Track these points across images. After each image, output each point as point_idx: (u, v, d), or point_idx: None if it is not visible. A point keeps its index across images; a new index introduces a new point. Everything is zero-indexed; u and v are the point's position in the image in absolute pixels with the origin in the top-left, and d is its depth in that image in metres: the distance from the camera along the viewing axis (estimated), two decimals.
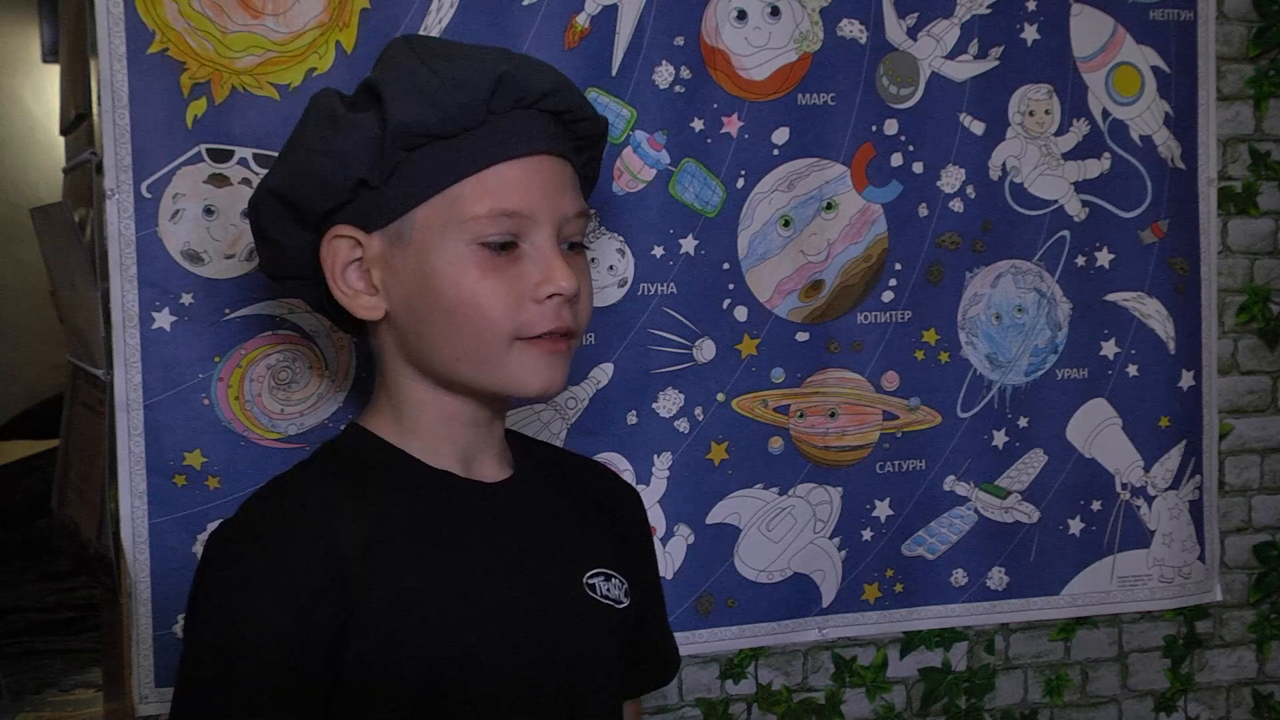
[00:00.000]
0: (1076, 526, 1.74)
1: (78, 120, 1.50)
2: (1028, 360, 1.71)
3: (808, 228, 1.61)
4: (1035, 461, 1.72)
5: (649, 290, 1.55)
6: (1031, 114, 1.69)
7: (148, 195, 1.37)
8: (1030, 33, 1.68)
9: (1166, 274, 1.76)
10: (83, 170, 1.44)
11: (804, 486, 1.63)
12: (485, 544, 1.05)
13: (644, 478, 1.56)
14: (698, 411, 1.58)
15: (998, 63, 1.67)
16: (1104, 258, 1.73)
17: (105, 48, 1.35)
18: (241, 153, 1.39)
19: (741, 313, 1.59)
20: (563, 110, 1.06)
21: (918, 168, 1.64)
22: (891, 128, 1.63)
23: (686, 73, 1.54)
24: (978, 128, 1.67)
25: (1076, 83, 1.70)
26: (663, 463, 1.57)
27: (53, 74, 1.88)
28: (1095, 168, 1.72)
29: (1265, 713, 1.88)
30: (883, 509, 1.66)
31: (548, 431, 1.51)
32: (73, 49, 1.52)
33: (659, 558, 1.43)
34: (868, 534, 1.66)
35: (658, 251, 1.55)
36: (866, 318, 1.64)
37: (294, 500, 1.03)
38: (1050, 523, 1.73)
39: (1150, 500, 1.77)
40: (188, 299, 1.38)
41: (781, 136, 1.59)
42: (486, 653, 1.01)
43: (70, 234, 1.45)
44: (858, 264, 1.63)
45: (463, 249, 1.01)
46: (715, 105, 1.56)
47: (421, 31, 1.43)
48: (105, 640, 1.78)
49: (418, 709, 0.99)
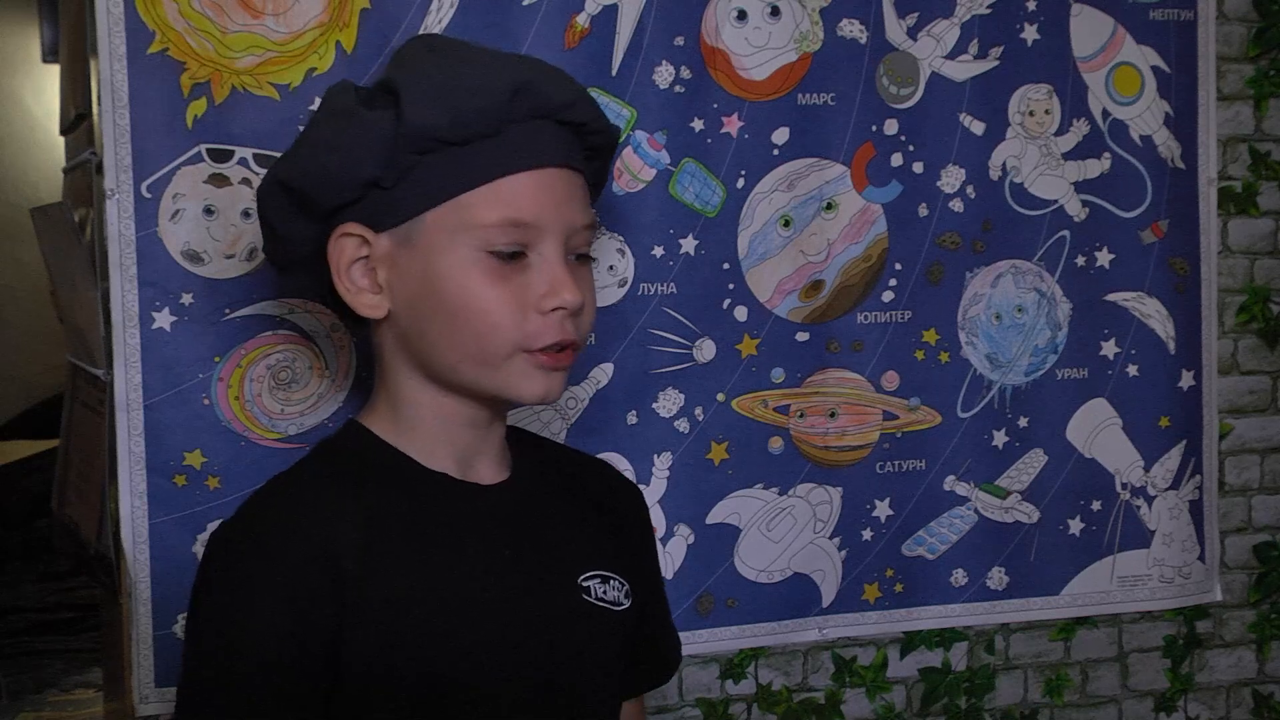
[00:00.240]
0: (1076, 526, 1.74)
1: (78, 120, 1.50)
2: (1028, 360, 1.71)
3: (808, 228, 1.61)
4: (1035, 461, 1.72)
5: (649, 290, 1.55)
6: (1031, 114, 1.69)
7: (148, 195, 1.37)
8: (1030, 33, 1.68)
9: (1166, 274, 1.76)
10: (83, 170, 1.44)
11: (804, 486, 1.63)
12: (480, 546, 1.05)
13: (644, 478, 1.56)
14: (698, 411, 1.58)
15: (998, 63, 1.67)
16: (1104, 258, 1.73)
17: (105, 48, 1.35)
18: (241, 153, 1.39)
19: (741, 313, 1.59)
20: (578, 122, 1.06)
21: (918, 168, 1.64)
22: (891, 128, 1.63)
23: (686, 73, 1.54)
24: (978, 128, 1.67)
25: (1076, 83, 1.70)
26: (663, 463, 1.57)
27: (53, 74, 1.88)
28: (1095, 168, 1.72)
29: (1265, 713, 1.88)
30: (883, 509, 1.66)
31: (548, 431, 1.51)
32: (73, 49, 1.52)
33: (659, 558, 1.43)
34: (868, 534, 1.66)
35: (658, 251, 1.55)
36: (866, 318, 1.64)
37: (292, 500, 1.03)
38: (1050, 523, 1.73)
39: (1150, 500, 1.77)
40: (188, 299, 1.38)
41: (781, 136, 1.59)
42: (481, 654, 1.01)
43: (70, 234, 1.45)
44: (858, 264, 1.63)
45: (470, 255, 1.01)
46: (715, 105, 1.56)
47: (421, 32, 1.43)
48: (105, 640, 1.78)
49: (414, 709, 1.00)
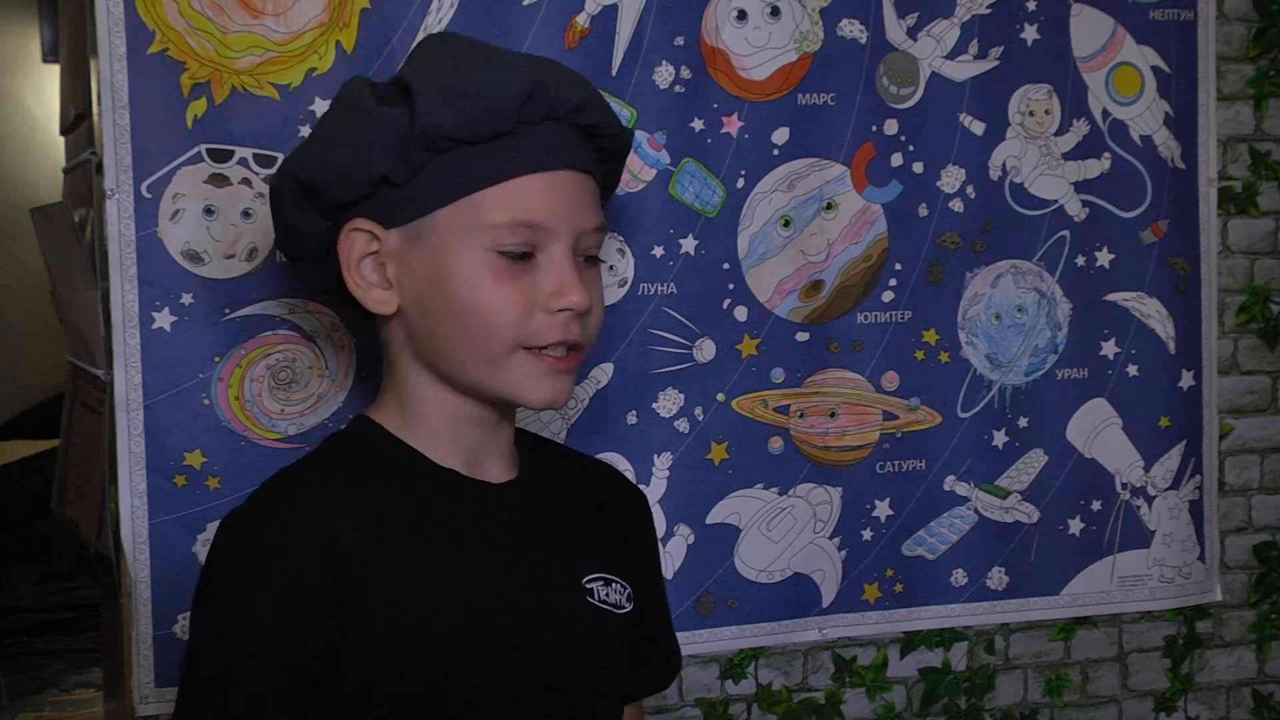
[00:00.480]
0: (1076, 526, 1.74)
1: (78, 120, 1.50)
2: (1028, 360, 1.71)
3: (808, 228, 1.61)
4: (1035, 461, 1.72)
5: (649, 290, 1.55)
6: (1031, 114, 1.69)
7: (148, 195, 1.37)
8: (1030, 33, 1.68)
9: (1166, 274, 1.76)
10: (83, 170, 1.44)
11: (804, 486, 1.63)
12: (485, 544, 1.05)
13: (644, 478, 1.56)
14: (698, 411, 1.58)
15: (998, 63, 1.67)
16: (1104, 258, 1.73)
17: (105, 48, 1.35)
18: (241, 153, 1.39)
19: (741, 313, 1.59)
20: (591, 125, 1.06)
21: (918, 168, 1.64)
22: (891, 128, 1.63)
23: (686, 73, 1.54)
24: (978, 128, 1.67)
25: (1076, 83, 1.70)
26: (663, 463, 1.57)
27: (53, 74, 1.88)
28: (1095, 168, 1.72)
29: (1265, 713, 1.88)
30: (883, 509, 1.66)
31: (548, 431, 1.51)
32: (73, 49, 1.52)
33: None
34: (868, 534, 1.66)
35: (658, 251, 1.55)
36: (866, 318, 1.64)
37: (298, 493, 1.03)
38: (1050, 523, 1.73)
39: (1150, 500, 1.77)
40: (188, 299, 1.38)
41: (781, 136, 1.59)
42: (481, 654, 1.01)
43: (70, 234, 1.45)
44: (858, 264, 1.63)
45: (479, 254, 1.01)
46: (715, 105, 1.56)
47: (421, 31, 1.43)
48: (105, 640, 1.78)
49: (414, 709, 1.00)
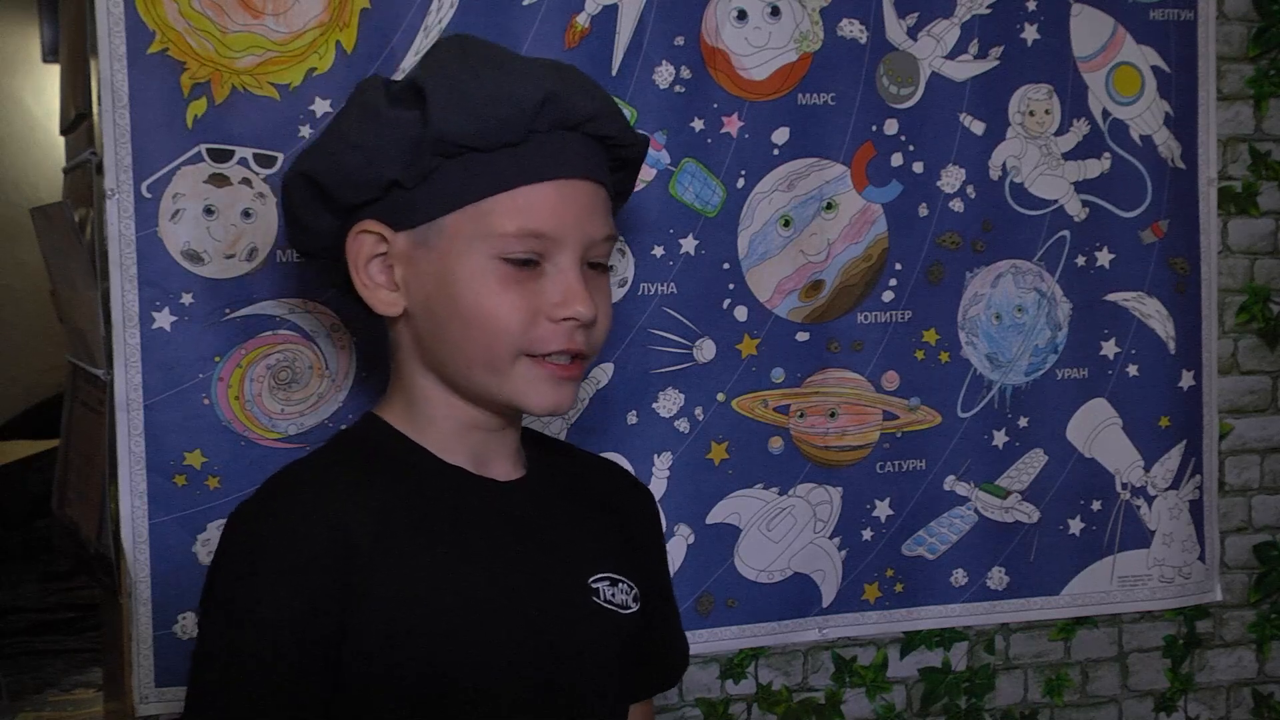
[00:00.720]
0: (1076, 526, 1.74)
1: (78, 120, 1.50)
2: (1028, 360, 1.71)
3: (808, 228, 1.61)
4: (1035, 461, 1.72)
5: (649, 290, 1.55)
6: (1031, 114, 1.69)
7: (148, 195, 1.37)
8: (1030, 33, 1.68)
9: (1166, 274, 1.76)
10: (83, 170, 1.44)
11: (804, 486, 1.63)
12: (491, 543, 1.05)
13: (644, 478, 1.56)
14: (698, 411, 1.58)
15: (998, 63, 1.67)
16: (1104, 258, 1.73)
17: (105, 48, 1.35)
18: (241, 152, 1.39)
19: (741, 313, 1.59)
20: (604, 135, 1.06)
21: (918, 168, 1.64)
22: (891, 128, 1.63)
23: (687, 73, 1.54)
24: (978, 128, 1.67)
25: (1076, 83, 1.70)
26: (663, 463, 1.57)
27: (53, 74, 1.88)
28: (1095, 168, 1.72)
29: (1265, 713, 1.88)
30: (883, 509, 1.66)
31: (549, 431, 1.51)
32: (73, 49, 1.52)
33: None
34: (868, 534, 1.66)
35: (658, 251, 1.55)
36: (866, 318, 1.64)
37: (305, 488, 1.04)
38: (1050, 523, 1.73)
39: (1150, 500, 1.77)
40: (188, 299, 1.38)
41: (781, 136, 1.59)
42: (483, 651, 1.01)
43: (70, 234, 1.45)
44: (858, 264, 1.63)
45: (486, 261, 1.01)
46: (715, 105, 1.56)
47: (421, 31, 1.43)
48: (105, 640, 1.78)
49: (414, 705, 1.00)
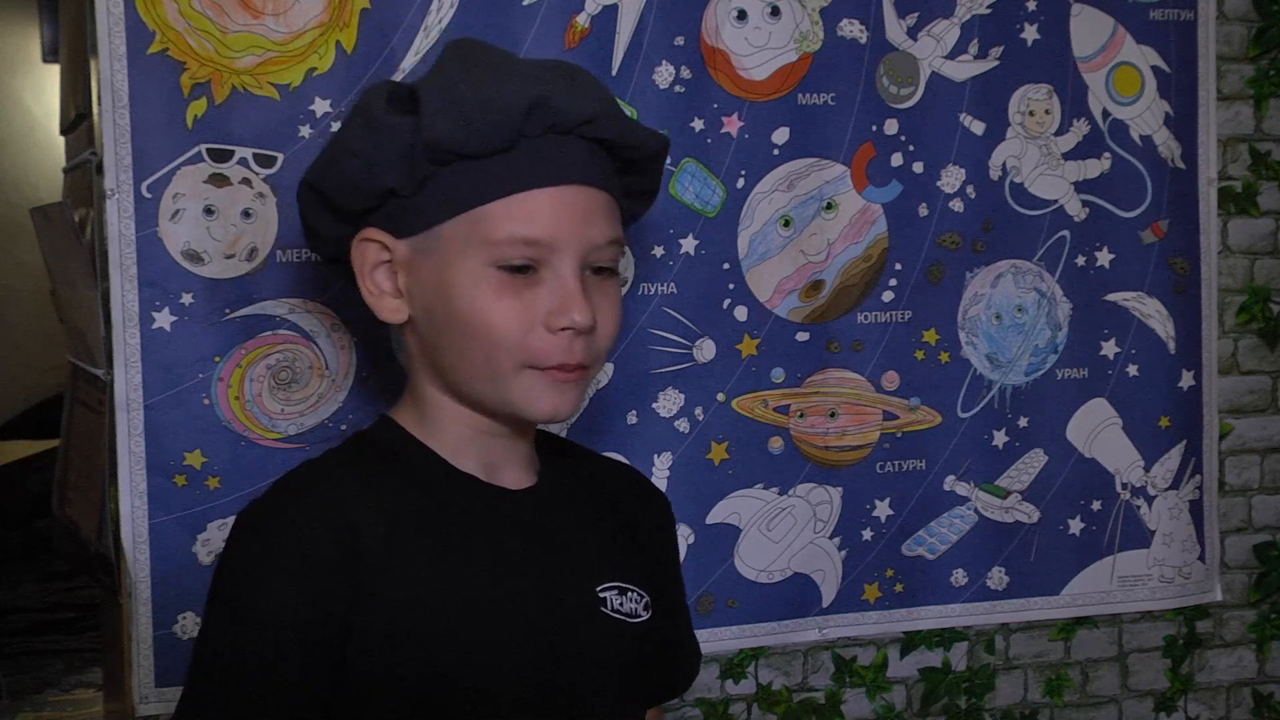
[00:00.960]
0: (1076, 526, 1.74)
1: (78, 120, 1.50)
2: (1028, 360, 1.71)
3: (808, 228, 1.61)
4: (1035, 461, 1.72)
5: (649, 290, 1.55)
6: (1031, 114, 1.69)
7: (148, 195, 1.37)
8: (1030, 33, 1.68)
9: (1166, 274, 1.76)
10: (83, 170, 1.44)
11: (804, 486, 1.63)
12: (496, 550, 1.05)
13: None
14: (698, 411, 1.58)
15: (998, 63, 1.67)
16: (1104, 258, 1.73)
17: (105, 48, 1.35)
18: (241, 152, 1.39)
19: (741, 313, 1.59)
20: (603, 138, 1.04)
21: (918, 168, 1.64)
22: (891, 128, 1.63)
23: (686, 73, 1.54)
24: (978, 128, 1.67)
25: (1076, 83, 1.70)
26: (663, 463, 1.57)
27: (53, 74, 1.89)
28: (1095, 168, 1.72)
29: (1265, 713, 1.88)
30: (883, 509, 1.66)
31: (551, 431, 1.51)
32: (73, 49, 1.52)
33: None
34: (868, 534, 1.66)
35: (658, 251, 1.55)
36: (866, 318, 1.64)
37: (318, 485, 1.04)
38: (1050, 523, 1.73)
39: (1150, 500, 1.77)
40: (188, 299, 1.38)
41: (781, 136, 1.59)
42: (483, 656, 1.01)
43: (70, 234, 1.45)
44: (858, 264, 1.63)
45: (481, 269, 1.00)
46: (715, 105, 1.56)
47: (421, 31, 1.43)
48: (105, 640, 1.78)
49: (416, 705, 0.99)
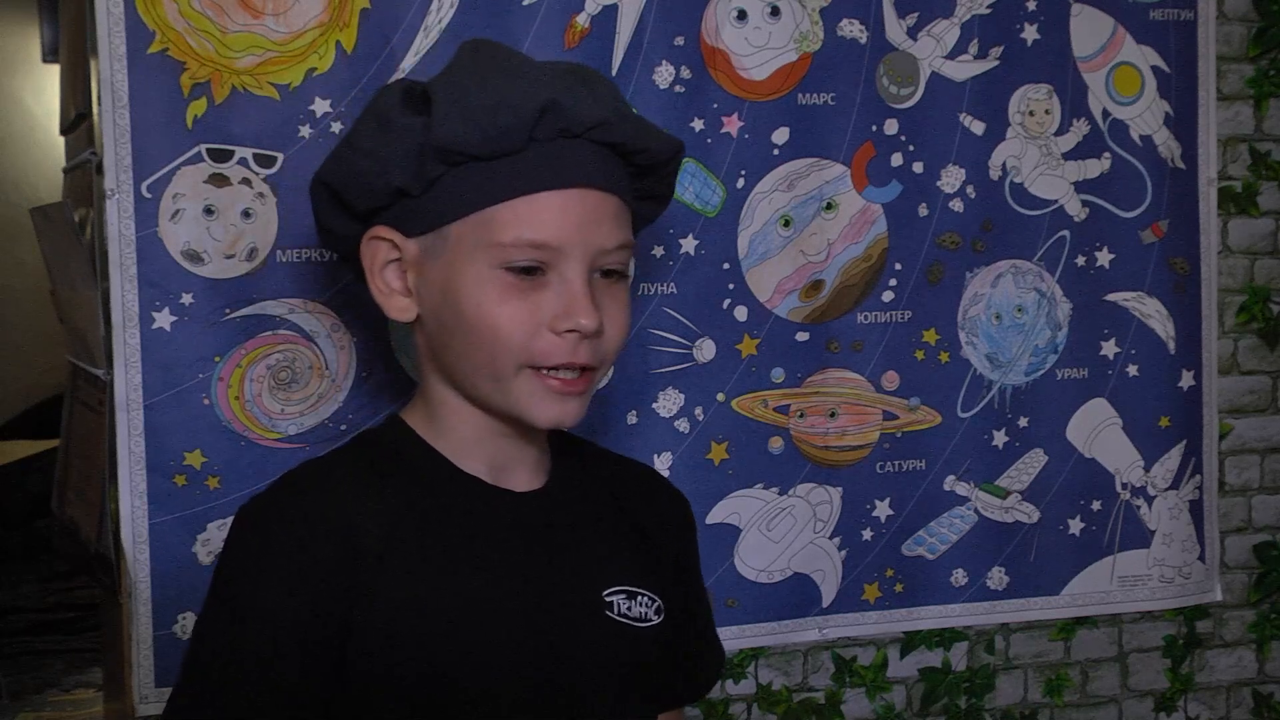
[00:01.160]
0: (1076, 526, 1.74)
1: (78, 120, 1.50)
2: (1028, 360, 1.71)
3: (808, 228, 1.61)
4: (1035, 461, 1.72)
5: (649, 290, 1.55)
6: (1031, 114, 1.69)
7: (148, 195, 1.37)
8: (1030, 33, 1.68)
9: (1166, 274, 1.76)
10: (83, 170, 1.44)
11: (804, 486, 1.63)
12: (499, 552, 1.05)
13: None
14: (698, 411, 1.58)
15: (998, 63, 1.67)
16: (1104, 258, 1.73)
17: (105, 48, 1.35)
18: (241, 153, 1.39)
19: (741, 312, 1.59)
20: (614, 142, 1.04)
21: (918, 168, 1.64)
22: (891, 128, 1.63)
23: (686, 72, 1.54)
24: (978, 128, 1.67)
25: (1076, 83, 1.70)
26: (663, 463, 1.57)
27: (53, 74, 1.89)
28: (1095, 168, 1.72)
29: (1265, 713, 1.88)
30: (883, 509, 1.66)
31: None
32: (73, 49, 1.52)
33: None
34: (868, 534, 1.66)
35: (658, 251, 1.55)
36: (866, 318, 1.64)
37: (318, 485, 1.04)
38: (1050, 523, 1.73)
39: (1150, 500, 1.77)
40: (188, 299, 1.38)
41: (781, 136, 1.59)
42: (483, 658, 1.01)
43: (70, 234, 1.45)
44: (858, 264, 1.63)
45: (488, 271, 1.01)
46: (715, 105, 1.56)
47: (421, 31, 1.43)
48: (105, 640, 1.78)
49: (416, 705, 0.99)
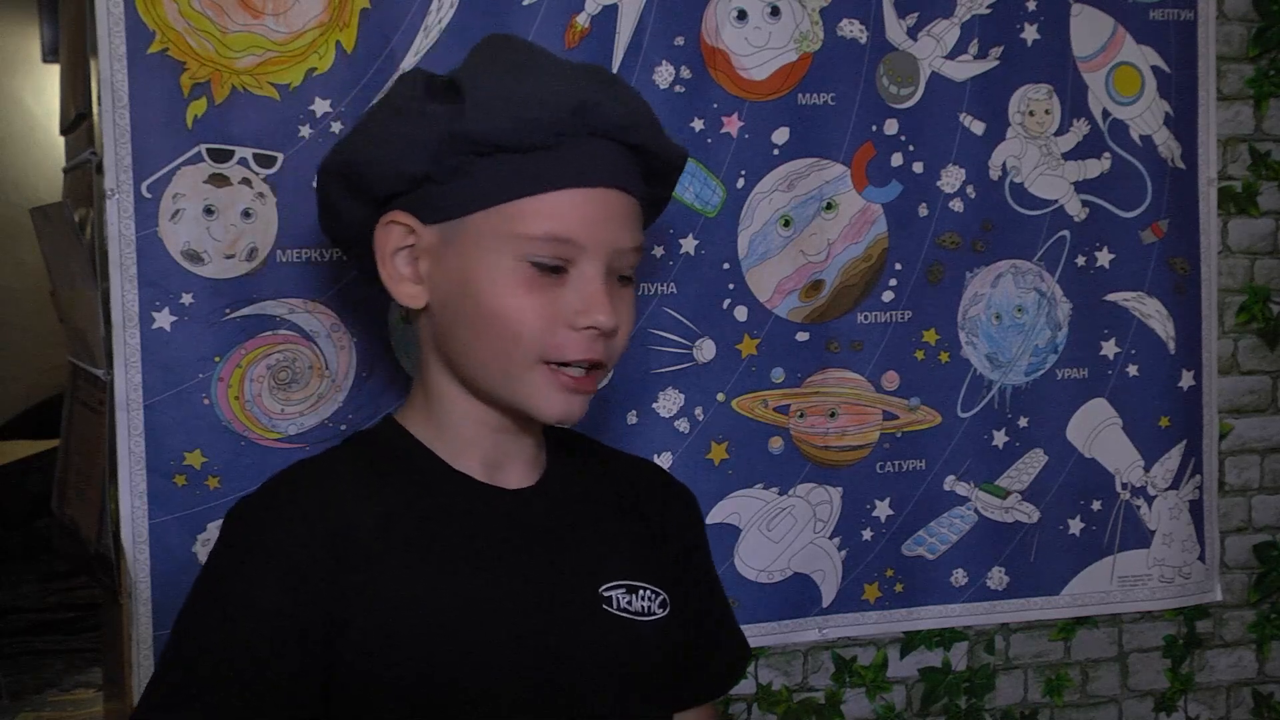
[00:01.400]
0: (1076, 526, 1.74)
1: (78, 120, 1.50)
2: (1028, 360, 1.71)
3: (808, 228, 1.61)
4: (1035, 461, 1.72)
5: (649, 290, 1.55)
6: (1031, 114, 1.69)
7: (148, 195, 1.37)
8: (1030, 32, 1.68)
9: (1166, 274, 1.76)
10: (83, 170, 1.44)
11: (804, 486, 1.63)
12: (493, 550, 1.05)
13: None
14: (698, 411, 1.58)
15: (998, 63, 1.67)
16: (1104, 258, 1.73)
17: (105, 48, 1.35)
18: (241, 153, 1.39)
19: (741, 312, 1.59)
20: (637, 145, 1.06)
21: (918, 168, 1.64)
22: (891, 128, 1.63)
23: (686, 72, 1.54)
24: (978, 128, 1.67)
25: (1076, 82, 1.70)
26: (663, 463, 1.57)
27: (53, 74, 1.89)
28: (1095, 168, 1.72)
29: (1265, 713, 1.88)
30: (883, 509, 1.66)
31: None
32: (73, 49, 1.52)
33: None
34: (868, 534, 1.66)
35: (658, 251, 1.55)
36: (866, 318, 1.64)
37: (309, 484, 1.04)
38: (1050, 523, 1.73)
39: (1150, 500, 1.77)
40: (188, 299, 1.38)
41: (781, 136, 1.59)
42: (479, 656, 1.01)
43: (70, 234, 1.45)
44: (858, 264, 1.63)
45: (510, 263, 1.01)
46: (715, 105, 1.56)
47: (421, 31, 1.44)
48: (105, 640, 1.78)
49: (413, 705, 0.99)
